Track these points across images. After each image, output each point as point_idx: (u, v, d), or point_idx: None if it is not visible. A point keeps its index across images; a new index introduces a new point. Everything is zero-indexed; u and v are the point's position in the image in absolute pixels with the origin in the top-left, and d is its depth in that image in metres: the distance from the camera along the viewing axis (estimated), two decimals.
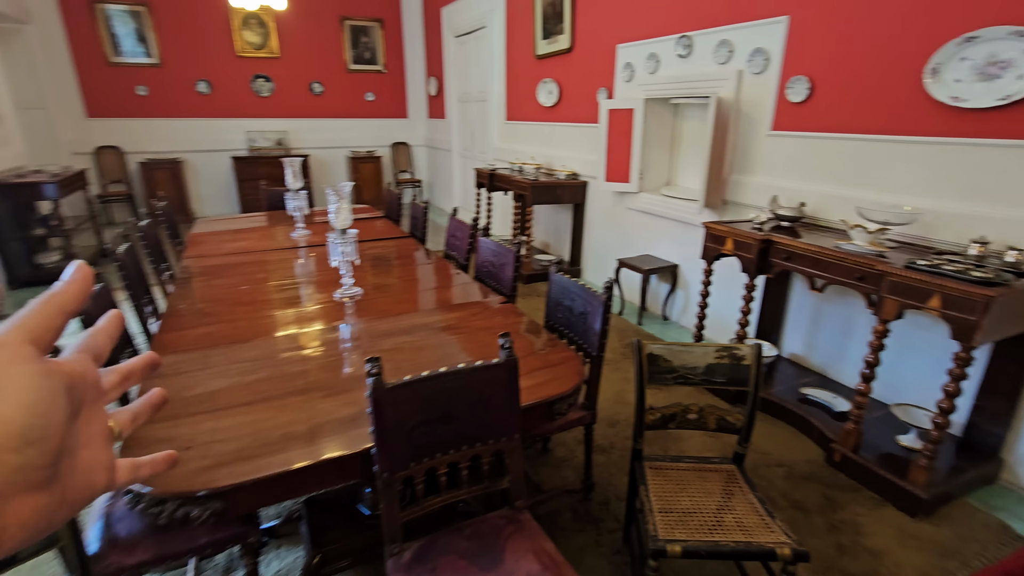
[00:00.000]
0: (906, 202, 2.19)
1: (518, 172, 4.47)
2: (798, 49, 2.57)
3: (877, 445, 2.10)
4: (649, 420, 1.54)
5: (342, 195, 1.97)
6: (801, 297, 2.77)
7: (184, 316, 1.86)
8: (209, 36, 6.52)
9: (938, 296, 1.70)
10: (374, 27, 7.30)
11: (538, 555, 1.15)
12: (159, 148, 6.56)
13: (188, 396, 1.33)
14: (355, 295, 2.07)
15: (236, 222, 3.60)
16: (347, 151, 7.49)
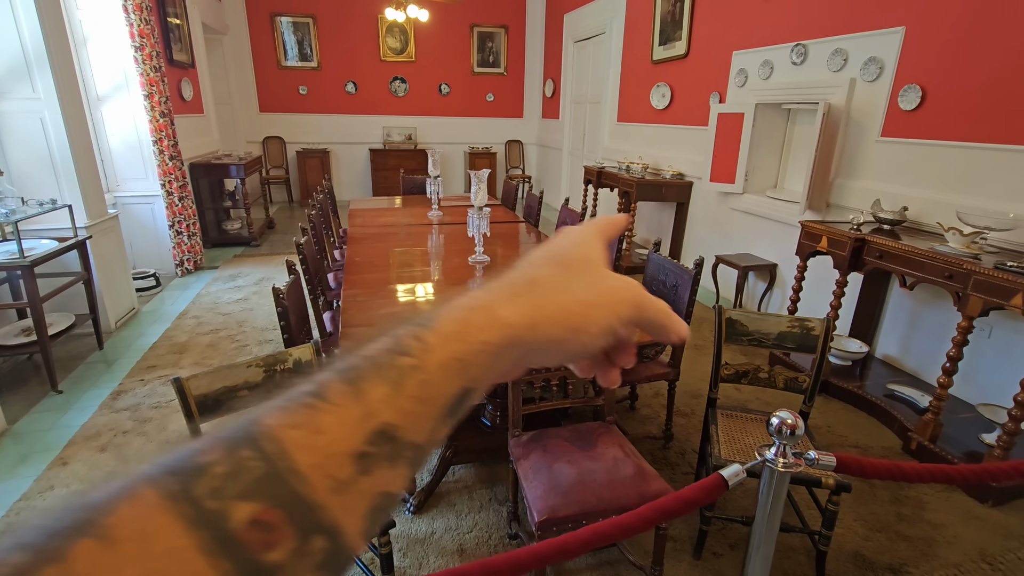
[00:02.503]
0: (1012, 209, 2.24)
1: (625, 171, 4.78)
2: (912, 58, 2.66)
3: (958, 440, 2.19)
4: (724, 374, 1.84)
5: (481, 180, 2.46)
6: (899, 300, 2.83)
7: (360, 265, 2.45)
8: (359, 43, 7.50)
9: (1021, 295, 1.82)
10: (499, 33, 7.91)
11: (622, 447, 1.53)
12: (312, 139, 7.67)
13: (377, 313, 1.87)
14: (484, 261, 2.55)
15: (379, 202, 4.28)
16: (466, 146, 8.19)
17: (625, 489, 1.39)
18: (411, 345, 0.23)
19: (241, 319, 3.48)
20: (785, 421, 0.85)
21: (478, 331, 0.25)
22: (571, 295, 0.28)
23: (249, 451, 0.19)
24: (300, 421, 0.20)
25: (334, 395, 0.21)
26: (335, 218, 4.13)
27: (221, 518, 0.17)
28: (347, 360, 0.23)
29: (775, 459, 0.87)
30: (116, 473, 0.18)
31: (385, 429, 0.21)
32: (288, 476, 0.19)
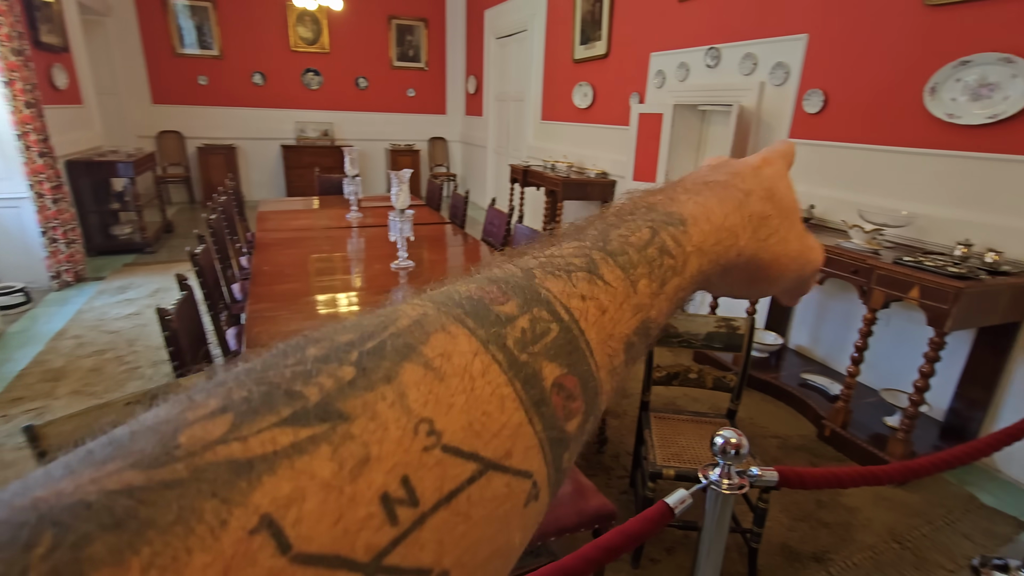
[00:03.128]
0: (904, 207, 2.42)
1: (550, 169, 4.77)
2: (815, 65, 2.81)
3: (865, 424, 2.34)
4: (656, 377, 1.83)
5: (403, 180, 2.31)
6: (809, 294, 3.00)
7: (269, 275, 2.22)
8: (266, 31, 6.99)
9: (917, 287, 1.95)
10: (419, 26, 7.68)
11: None
12: (216, 134, 7.06)
13: (286, 331, 1.67)
14: (408, 267, 2.41)
15: (293, 203, 3.99)
16: (387, 144, 7.89)
17: (563, 509, 1.32)
18: (671, 247, 0.23)
19: (132, 337, 3.09)
20: (729, 441, 0.81)
21: (724, 251, 0.25)
22: (787, 245, 0.29)
23: (545, 312, 0.18)
24: (585, 293, 0.20)
25: (611, 277, 0.21)
26: (242, 221, 3.78)
27: (534, 373, 0.17)
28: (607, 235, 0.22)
29: (719, 481, 0.83)
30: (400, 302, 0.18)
31: (648, 324, 0.21)
32: (583, 346, 0.19)
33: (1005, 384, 2.17)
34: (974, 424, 2.26)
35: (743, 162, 0.31)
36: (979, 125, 2.16)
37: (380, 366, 0.15)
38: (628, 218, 0.24)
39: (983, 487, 2.13)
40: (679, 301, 0.24)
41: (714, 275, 0.25)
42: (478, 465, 0.15)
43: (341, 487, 0.12)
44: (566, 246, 0.22)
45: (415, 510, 0.13)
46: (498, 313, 0.17)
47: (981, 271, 1.95)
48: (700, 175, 0.30)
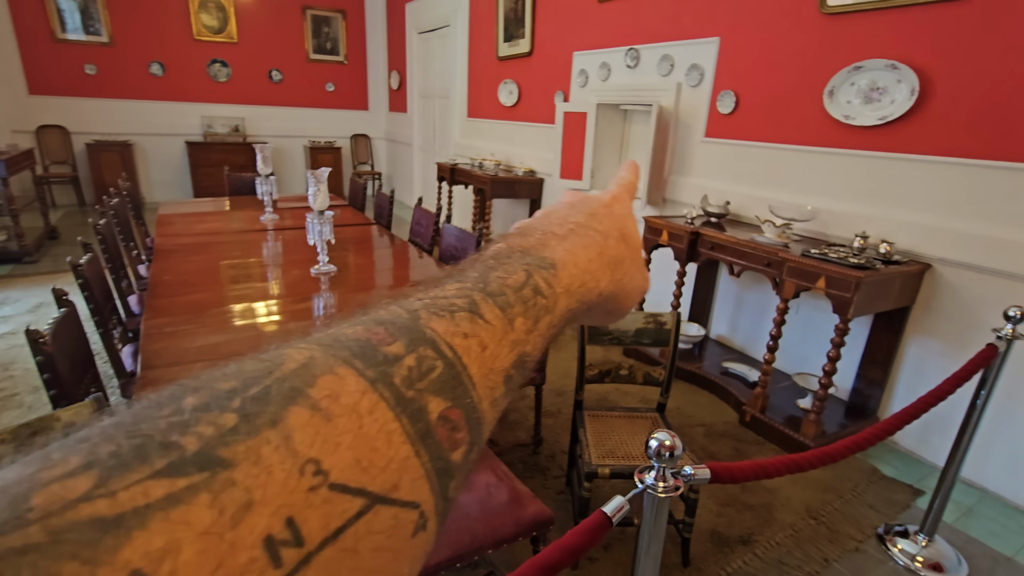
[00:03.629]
0: (809, 202, 2.59)
1: (478, 167, 4.72)
2: (727, 67, 2.95)
3: (781, 408, 2.49)
4: (589, 375, 1.83)
5: (320, 180, 2.17)
6: (726, 286, 3.16)
7: (171, 286, 2.01)
8: (164, 17, 6.41)
9: (823, 277, 2.09)
10: (336, 18, 7.35)
11: (494, 471, 1.42)
12: (108, 129, 6.40)
13: (192, 347, 1.52)
14: (329, 272, 2.27)
15: (201, 204, 3.67)
16: (306, 141, 7.51)
17: (501, 519, 1.28)
18: (543, 287, 0.25)
19: (7, 360, 2.72)
20: (664, 443, 0.80)
21: (587, 292, 0.29)
22: (634, 281, 0.33)
23: (430, 350, 0.19)
24: (467, 332, 0.21)
25: (491, 316, 0.22)
26: (139, 226, 3.44)
27: (420, 408, 0.17)
28: (486, 278, 0.24)
29: (655, 484, 0.81)
30: (286, 344, 0.18)
31: (524, 358, 0.23)
32: (466, 380, 0.20)
33: (899, 363, 2.38)
34: (874, 401, 2.46)
35: (597, 200, 0.34)
36: (871, 126, 2.34)
37: (265, 411, 0.15)
38: (505, 261, 0.26)
39: (883, 459, 2.32)
40: (550, 337, 0.26)
41: (580, 312, 0.29)
42: (366, 500, 0.15)
43: (221, 534, 0.12)
44: (449, 287, 0.23)
45: (300, 550, 0.13)
46: (385, 353, 0.18)
47: (877, 261, 2.12)
48: (562, 214, 0.32)
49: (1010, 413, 2.04)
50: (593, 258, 0.30)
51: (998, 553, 1.82)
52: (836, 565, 1.74)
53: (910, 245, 2.26)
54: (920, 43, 2.17)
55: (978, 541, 1.87)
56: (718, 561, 1.72)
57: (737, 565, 1.71)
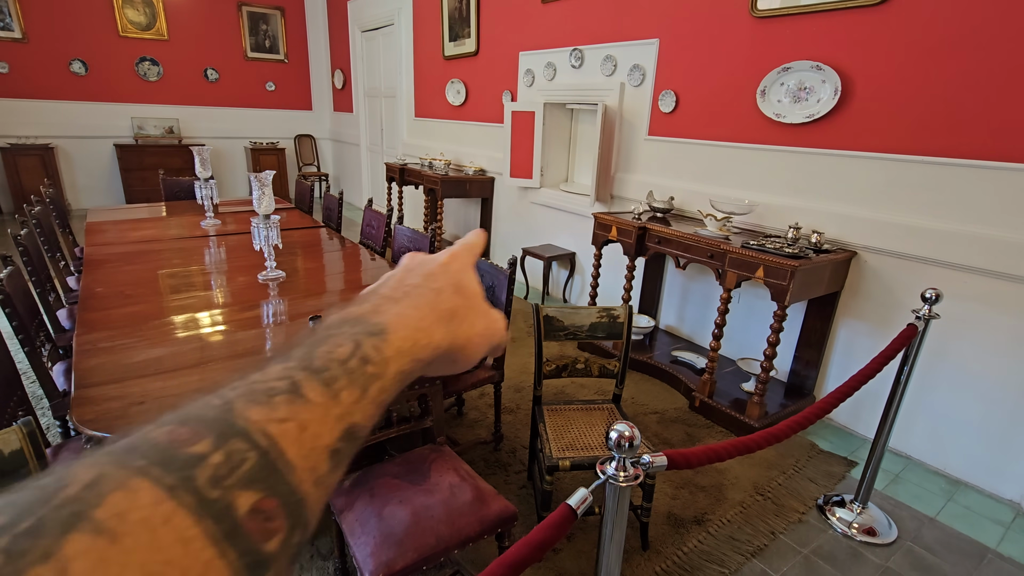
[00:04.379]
0: (747, 196, 2.73)
1: (428, 167, 4.68)
2: (667, 67, 3.06)
3: (727, 392, 2.61)
4: (546, 370, 1.87)
5: (264, 183, 2.11)
6: (673, 278, 3.28)
7: (104, 298, 1.90)
8: (85, 12, 6.01)
9: (762, 267, 2.21)
10: (274, 15, 7.10)
11: (457, 471, 1.43)
12: (25, 132, 5.94)
13: (132, 362, 1.44)
14: (278, 277, 2.21)
15: (135, 211, 3.48)
16: (246, 142, 7.22)
17: (465, 519, 1.29)
18: (372, 355, 0.26)
19: None
20: (623, 434, 0.84)
21: (420, 350, 0.29)
22: (474, 328, 0.34)
23: (242, 443, 0.19)
24: (285, 416, 0.21)
25: (313, 395, 0.23)
26: (66, 235, 3.22)
27: (226, 507, 0.17)
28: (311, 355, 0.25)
29: (616, 474, 0.85)
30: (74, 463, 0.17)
31: (352, 430, 0.24)
32: (283, 467, 0.20)
33: (831, 345, 2.55)
34: (810, 381, 2.62)
35: (434, 260, 0.36)
36: (800, 123, 2.49)
37: (36, 545, 0.14)
38: (336, 333, 0.27)
39: (820, 435, 2.48)
40: (383, 402, 0.26)
41: (416, 370, 0.29)
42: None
43: None
44: (272, 370, 0.23)
45: None
46: (189, 455, 0.18)
47: (809, 250, 2.26)
48: (399, 278, 0.34)
49: (929, 387, 2.23)
50: (425, 315, 0.31)
51: (923, 514, 1.99)
52: (783, 537, 1.85)
53: (838, 234, 2.42)
54: (842, 46, 2.33)
55: (905, 505, 2.04)
56: (675, 542, 1.79)
57: (693, 544, 1.79)
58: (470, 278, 0.36)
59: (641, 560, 1.71)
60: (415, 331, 0.29)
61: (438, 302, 0.32)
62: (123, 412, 1.24)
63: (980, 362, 2.10)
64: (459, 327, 0.33)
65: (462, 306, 0.34)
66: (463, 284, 0.35)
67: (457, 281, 0.35)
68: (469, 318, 0.34)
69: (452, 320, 0.32)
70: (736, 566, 1.71)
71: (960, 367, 2.15)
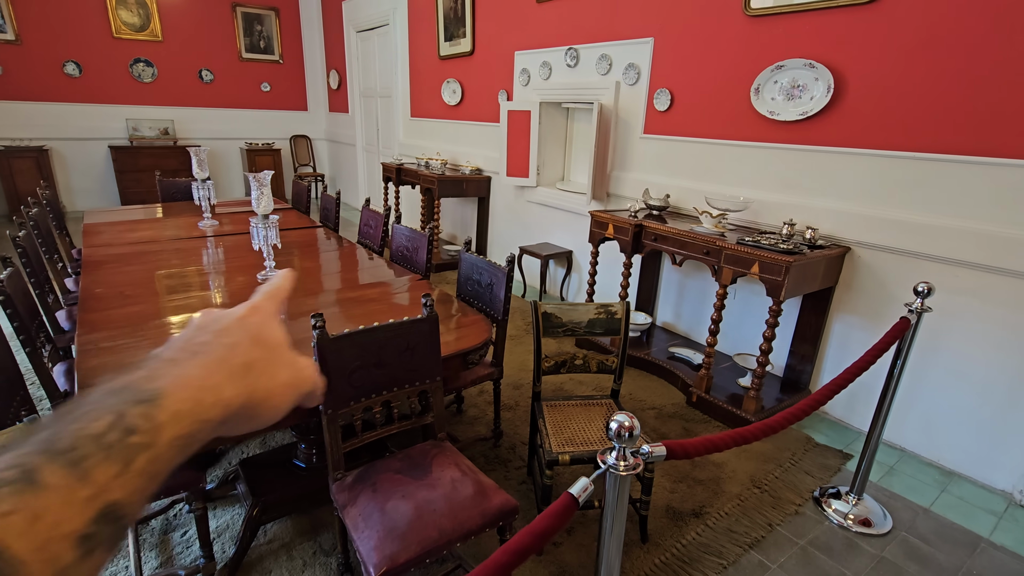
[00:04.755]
0: (741, 193, 2.75)
1: (425, 167, 4.70)
2: (662, 66, 3.08)
3: (724, 387, 2.64)
4: (545, 366, 1.89)
5: (263, 183, 2.12)
6: (669, 275, 3.30)
7: (104, 299, 1.91)
8: (78, 13, 5.98)
9: (757, 263, 2.23)
10: (269, 16, 7.09)
11: (458, 466, 1.44)
12: (19, 134, 5.91)
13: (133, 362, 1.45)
14: None
15: (131, 212, 3.48)
16: (242, 143, 7.21)
17: (467, 512, 1.31)
18: (139, 424, 0.24)
19: None
20: (623, 424, 0.85)
21: (206, 410, 0.28)
22: (275, 379, 0.33)
23: None
24: (11, 508, 0.19)
25: (52, 478, 0.21)
26: (63, 237, 3.22)
27: None
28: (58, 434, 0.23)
29: (617, 463, 0.87)
30: None
31: (111, 509, 0.22)
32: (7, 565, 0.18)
33: (826, 339, 2.57)
34: (806, 376, 2.65)
35: (230, 315, 0.35)
36: (793, 121, 2.52)
37: None
38: (94, 407, 0.25)
39: (815, 428, 2.51)
40: (157, 472, 0.25)
41: (204, 431, 0.28)
42: None
43: None
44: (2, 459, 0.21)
45: None
46: None
47: (804, 246, 2.28)
48: (187, 337, 0.32)
49: (922, 380, 2.26)
50: (213, 372, 0.29)
51: (917, 505, 2.02)
52: (779, 528, 1.87)
53: (832, 230, 2.45)
54: (834, 44, 2.35)
55: (900, 496, 2.06)
56: (674, 535, 1.81)
57: (691, 537, 1.81)
58: (272, 328, 0.35)
59: (640, 553, 1.74)
60: (198, 390, 0.28)
61: (230, 357, 0.31)
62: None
63: (972, 354, 2.13)
64: (257, 380, 0.32)
65: (260, 358, 0.33)
66: (262, 336, 0.34)
67: (256, 333, 0.34)
68: (269, 370, 0.33)
69: (248, 374, 0.31)
70: (734, 557, 1.73)
71: (953, 360, 2.18)
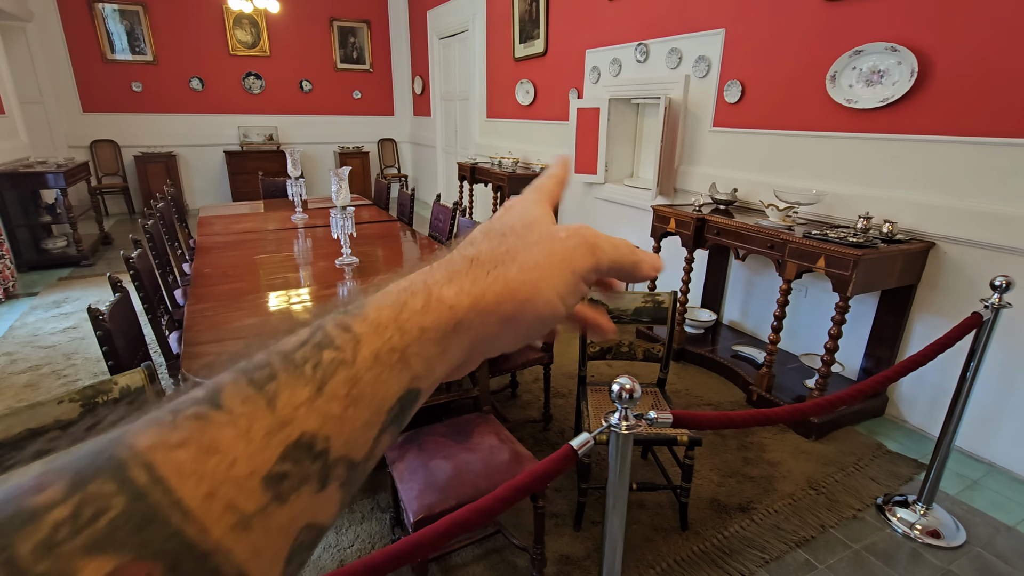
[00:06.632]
0: (815, 186, 2.63)
1: (497, 166, 4.87)
2: (733, 57, 3.01)
3: (788, 387, 2.54)
4: (590, 352, 1.95)
5: (342, 178, 2.36)
6: (737, 271, 3.21)
7: (211, 277, 2.22)
8: (203, 35, 6.80)
9: (823, 257, 2.14)
10: (361, 28, 7.63)
11: (498, 435, 1.55)
12: (153, 142, 6.83)
13: (229, 326, 1.71)
14: (352, 263, 2.45)
15: (238, 207, 3.94)
16: (335, 147, 7.82)
17: (502, 475, 1.41)
18: (336, 335, 0.20)
19: (70, 351, 3.01)
20: (624, 387, 0.92)
21: (417, 316, 0.21)
22: (515, 264, 0.24)
23: (108, 483, 0.15)
24: (184, 439, 0.16)
25: (233, 401, 0.17)
26: (183, 229, 3.72)
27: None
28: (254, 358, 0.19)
29: (619, 423, 0.93)
30: None
31: (307, 440, 0.17)
32: (167, 513, 0.15)
33: (906, 341, 2.40)
34: None
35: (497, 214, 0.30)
36: (873, 108, 2.38)
37: None
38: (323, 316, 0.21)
39: (889, 435, 2.35)
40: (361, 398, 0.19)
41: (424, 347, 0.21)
42: None
43: None
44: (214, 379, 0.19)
45: None
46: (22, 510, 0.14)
47: (878, 240, 2.16)
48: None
49: (1014, 388, 2.06)
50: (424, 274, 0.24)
51: (999, 522, 1.85)
52: (833, 531, 1.80)
53: (913, 224, 2.28)
54: (918, 24, 2.20)
55: (979, 511, 1.90)
56: (715, 526, 1.80)
57: (734, 529, 1.79)
58: (515, 212, 0.28)
59: (679, 540, 1.75)
60: (404, 293, 0.22)
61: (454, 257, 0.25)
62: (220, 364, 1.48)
63: None
64: (483, 272, 0.24)
65: (487, 249, 0.25)
66: (500, 223, 0.27)
67: (492, 225, 0.27)
68: (503, 255, 0.25)
69: (472, 269, 0.24)
70: (778, 553, 1.70)
71: None
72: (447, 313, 0.22)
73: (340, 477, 0.18)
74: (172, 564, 0.14)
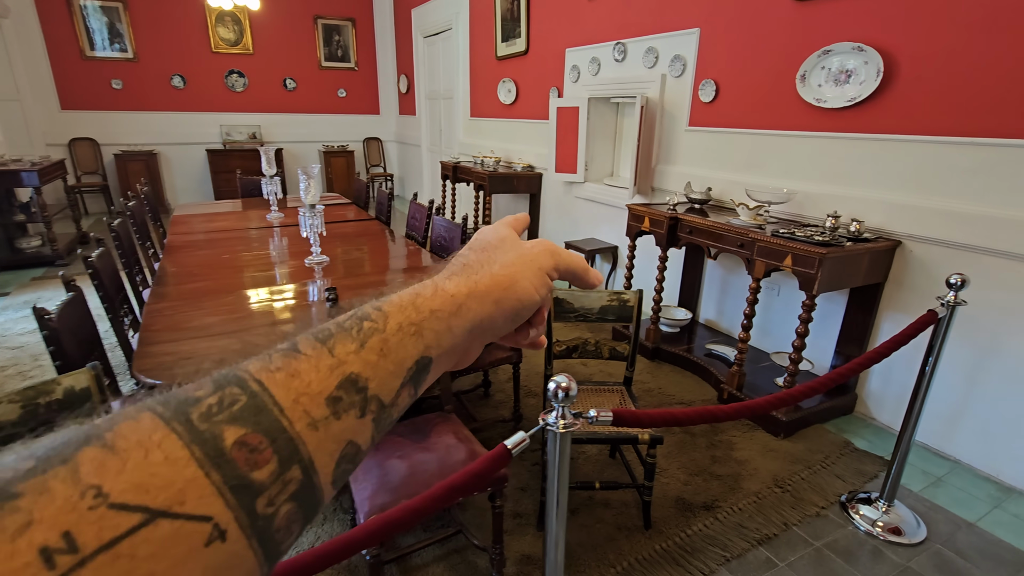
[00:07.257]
0: (786, 185, 2.64)
1: (479, 165, 4.85)
2: (707, 56, 3.01)
3: (758, 385, 2.55)
4: (557, 351, 1.94)
5: (311, 175, 2.34)
6: (712, 270, 3.22)
7: (176, 276, 2.20)
8: (184, 32, 6.73)
9: (790, 256, 2.15)
10: (346, 26, 7.59)
11: (456, 434, 1.54)
12: (134, 141, 6.75)
13: (187, 326, 1.68)
14: (323, 262, 2.43)
15: (214, 206, 3.90)
16: (320, 145, 7.76)
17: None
18: (371, 312, 0.28)
19: (37, 352, 2.96)
20: (560, 384, 0.91)
21: (428, 301, 0.30)
22: (496, 263, 0.34)
23: (236, 388, 0.22)
24: (279, 366, 0.24)
25: (306, 348, 0.25)
26: (157, 227, 3.67)
27: (212, 437, 0.20)
28: (318, 328, 0.27)
29: (556, 422, 0.92)
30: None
31: (353, 378, 0.25)
32: (271, 407, 0.22)
33: (874, 339, 2.42)
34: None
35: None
36: (840, 108, 2.39)
37: (59, 454, 0.17)
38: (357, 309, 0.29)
39: (857, 433, 2.36)
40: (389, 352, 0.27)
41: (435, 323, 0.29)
42: (144, 515, 0.17)
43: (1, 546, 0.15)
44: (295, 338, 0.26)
45: (75, 556, 0.16)
46: (188, 397, 0.21)
47: (845, 239, 2.17)
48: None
49: (978, 385, 2.08)
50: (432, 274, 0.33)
51: (960, 519, 1.86)
52: (795, 529, 1.81)
53: (881, 223, 2.30)
54: (884, 25, 2.21)
55: (941, 507, 1.91)
56: (679, 524, 1.80)
57: (697, 528, 1.79)
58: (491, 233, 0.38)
59: (642, 538, 1.75)
60: (416, 286, 0.31)
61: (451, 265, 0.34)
62: (172, 365, 1.46)
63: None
64: (474, 272, 0.33)
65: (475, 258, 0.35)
66: (481, 242, 0.37)
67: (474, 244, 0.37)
68: (487, 259, 0.34)
69: (465, 270, 0.33)
70: (739, 551, 1.70)
71: (1016, 363, 1.99)
72: (450, 299, 0.31)
73: (373, 412, 0.26)
74: (273, 439, 0.21)
